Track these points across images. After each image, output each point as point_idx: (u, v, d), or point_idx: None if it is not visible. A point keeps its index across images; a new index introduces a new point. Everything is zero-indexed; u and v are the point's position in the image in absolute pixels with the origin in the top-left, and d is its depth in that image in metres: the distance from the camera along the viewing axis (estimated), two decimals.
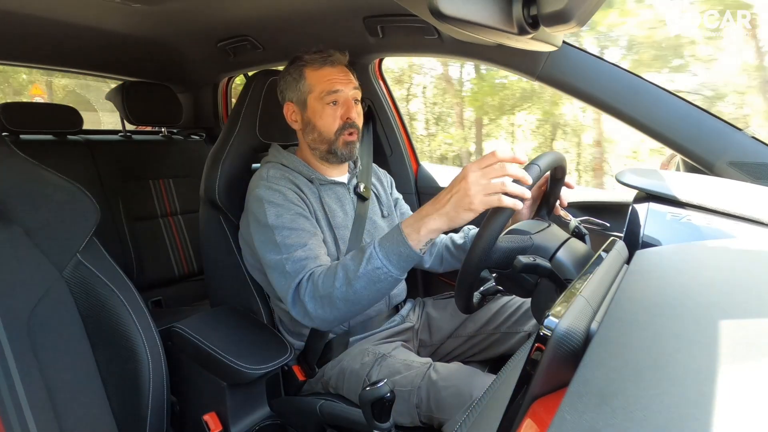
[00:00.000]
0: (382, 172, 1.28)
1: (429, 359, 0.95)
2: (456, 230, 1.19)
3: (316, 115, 1.03)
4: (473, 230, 1.18)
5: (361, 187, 1.12)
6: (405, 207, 1.27)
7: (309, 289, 0.86)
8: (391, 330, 1.11)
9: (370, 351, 1.00)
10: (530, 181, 0.71)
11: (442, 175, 1.56)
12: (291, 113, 1.08)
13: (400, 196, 1.28)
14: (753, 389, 0.31)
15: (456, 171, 1.56)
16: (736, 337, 0.38)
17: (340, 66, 1.04)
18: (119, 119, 1.81)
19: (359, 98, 1.06)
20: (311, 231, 0.96)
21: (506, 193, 0.70)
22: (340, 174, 1.12)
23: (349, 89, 1.03)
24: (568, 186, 0.90)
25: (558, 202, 0.92)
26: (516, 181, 0.70)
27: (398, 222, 0.82)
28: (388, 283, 0.80)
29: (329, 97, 1.01)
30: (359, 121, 1.06)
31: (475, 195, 0.71)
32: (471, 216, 0.73)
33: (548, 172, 0.87)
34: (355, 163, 1.17)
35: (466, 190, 0.71)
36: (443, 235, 1.20)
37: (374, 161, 1.27)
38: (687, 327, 0.41)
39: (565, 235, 0.82)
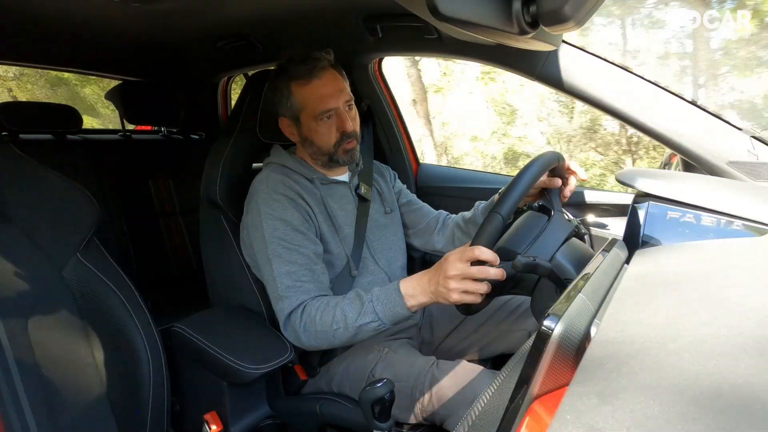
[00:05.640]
0: (384, 167, 1.28)
1: (433, 357, 0.96)
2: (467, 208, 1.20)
3: (311, 132, 1.02)
4: (482, 204, 1.16)
5: (362, 189, 1.13)
6: (411, 196, 1.27)
7: (305, 323, 0.92)
8: (395, 327, 1.11)
9: (375, 348, 1.02)
10: (504, 277, 0.74)
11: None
12: (286, 127, 1.07)
13: (404, 186, 1.28)
14: (752, 388, 0.31)
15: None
16: (736, 336, 0.38)
17: (327, 73, 1.00)
18: None
19: (352, 102, 1.05)
20: (304, 252, 0.97)
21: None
22: (341, 173, 1.13)
23: (341, 101, 1.01)
24: (574, 174, 0.94)
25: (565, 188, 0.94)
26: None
27: (396, 282, 0.87)
28: (382, 328, 0.89)
29: (322, 115, 1.00)
30: (356, 127, 1.05)
31: (452, 291, 0.76)
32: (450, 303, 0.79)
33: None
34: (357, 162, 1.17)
35: (446, 286, 0.76)
36: (453, 215, 1.22)
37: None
38: (686, 326, 0.41)
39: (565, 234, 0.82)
